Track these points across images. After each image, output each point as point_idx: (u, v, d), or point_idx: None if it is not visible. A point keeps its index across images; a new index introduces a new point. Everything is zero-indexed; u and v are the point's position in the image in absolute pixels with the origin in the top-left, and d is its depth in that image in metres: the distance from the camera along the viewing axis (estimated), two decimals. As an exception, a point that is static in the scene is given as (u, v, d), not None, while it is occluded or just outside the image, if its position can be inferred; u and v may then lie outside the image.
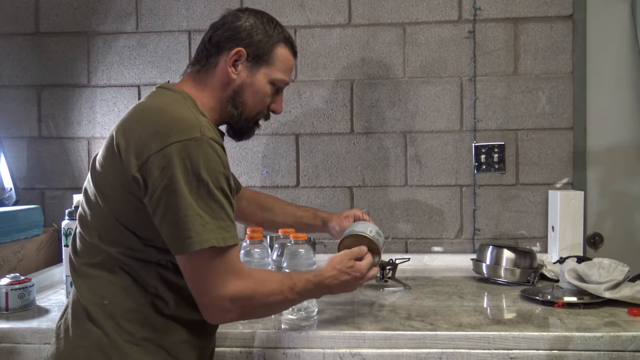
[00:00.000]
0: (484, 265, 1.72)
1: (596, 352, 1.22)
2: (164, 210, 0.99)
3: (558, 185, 1.97)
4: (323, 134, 2.03)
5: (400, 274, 1.68)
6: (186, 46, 2.06)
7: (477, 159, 1.98)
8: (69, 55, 2.10)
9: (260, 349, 1.27)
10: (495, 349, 1.23)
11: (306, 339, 1.26)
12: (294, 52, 1.26)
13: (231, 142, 1.29)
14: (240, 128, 1.24)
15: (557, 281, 1.62)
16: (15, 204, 1.95)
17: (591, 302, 1.43)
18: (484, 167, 1.98)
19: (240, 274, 1.05)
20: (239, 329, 1.28)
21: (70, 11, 2.09)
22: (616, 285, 1.41)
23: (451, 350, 1.24)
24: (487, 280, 1.72)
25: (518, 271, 1.67)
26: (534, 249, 1.91)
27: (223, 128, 1.25)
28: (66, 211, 1.52)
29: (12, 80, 2.11)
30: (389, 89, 2.01)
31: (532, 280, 1.66)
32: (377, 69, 2.01)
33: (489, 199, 1.99)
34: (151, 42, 2.07)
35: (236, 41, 1.17)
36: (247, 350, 1.27)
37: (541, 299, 1.47)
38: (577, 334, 1.23)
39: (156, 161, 0.99)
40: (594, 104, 1.96)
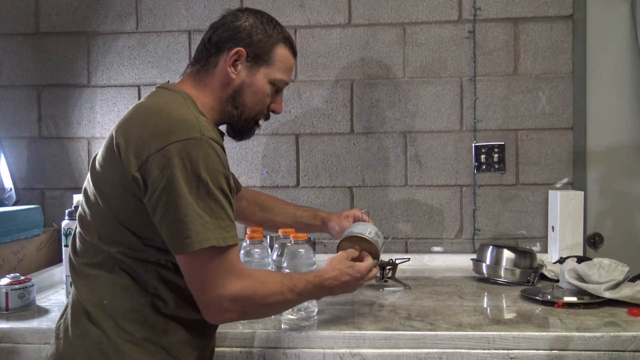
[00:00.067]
0: (484, 265, 1.72)
1: (596, 352, 1.22)
2: (164, 210, 0.99)
3: (558, 185, 1.97)
4: (323, 134, 2.03)
5: (400, 274, 1.68)
6: (186, 46, 2.06)
7: (477, 159, 1.98)
8: (69, 55, 2.10)
9: (260, 349, 1.27)
10: (495, 349, 1.23)
11: (306, 339, 1.26)
12: (293, 52, 1.26)
13: (231, 142, 1.29)
14: (240, 128, 1.24)
15: (557, 281, 1.62)
16: (15, 204, 1.95)
17: (591, 302, 1.43)
18: (484, 167, 1.98)
19: (241, 274, 1.05)
20: (239, 329, 1.28)
21: (70, 11, 2.09)
22: (616, 285, 1.41)
23: (451, 350, 1.24)
24: (487, 280, 1.72)
25: (518, 271, 1.67)
26: (534, 249, 1.91)
27: (223, 128, 1.25)
28: (66, 211, 1.52)
29: (12, 80, 2.11)
30: (389, 89, 2.01)
31: (532, 280, 1.66)
32: (377, 69, 2.01)
33: (489, 199, 1.99)
34: (151, 42, 2.07)
35: (236, 41, 1.17)
36: (247, 350, 1.27)
37: (541, 299, 1.47)
38: (577, 334, 1.23)
39: (156, 161, 0.99)
40: (594, 104, 1.96)
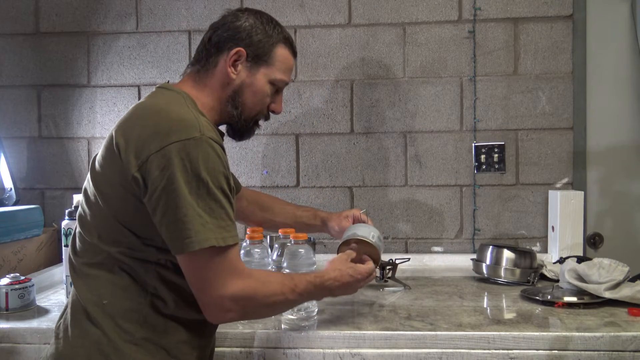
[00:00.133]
0: (484, 265, 1.72)
1: (596, 352, 1.22)
2: (164, 210, 0.99)
3: (558, 185, 1.97)
4: (323, 134, 2.03)
5: (400, 274, 1.68)
6: (186, 46, 2.06)
7: (477, 159, 1.98)
8: (69, 55, 2.10)
9: (260, 349, 1.27)
10: (495, 349, 1.23)
11: (306, 339, 1.26)
12: (293, 52, 1.26)
13: (231, 142, 1.29)
14: (240, 128, 1.24)
15: (557, 281, 1.62)
16: (15, 204, 1.95)
17: (591, 302, 1.43)
18: (484, 167, 1.98)
19: (241, 274, 1.05)
20: (239, 329, 1.28)
21: (70, 11, 2.09)
22: (616, 285, 1.41)
23: (451, 350, 1.24)
24: (487, 280, 1.72)
25: (518, 271, 1.67)
26: (534, 249, 1.91)
27: (223, 128, 1.25)
28: (66, 211, 1.52)
29: (12, 80, 2.11)
30: (389, 89, 2.01)
31: (532, 280, 1.66)
32: (377, 69, 2.01)
33: (489, 199, 1.99)
34: (151, 42, 2.07)
35: (236, 41, 1.17)
36: (247, 350, 1.27)
37: (541, 299, 1.47)
38: (577, 334, 1.23)
39: (156, 161, 0.99)
40: (594, 104, 1.96)
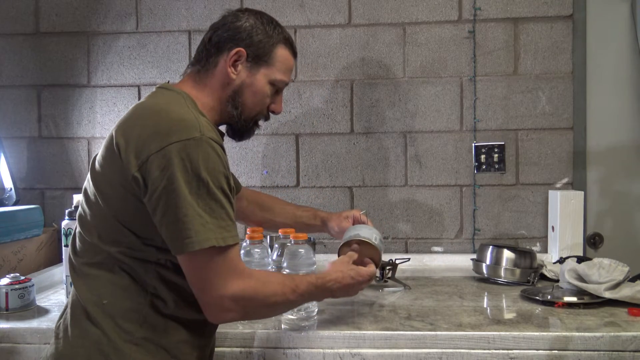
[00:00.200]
0: (484, 265, 1.72)
1: (596, 352, 1.22)
2: (164, 210, 0.99)
3: (558, 185, 1.97)
4: (323, 134, 2.03)
5: (400, 274, 1.68)
6: (186, 46, 2.06)
7: (477, 159, 1.98)
8: (69, 55, 2.10)
9: (260, 349, 1.27)
10: (495, 349, 1.23)
11: (306, 339, 1.26)
12: (293, 53, 1.26)
13: (231, 142, 1.29)
14: (240, 128, 1.24)
15: (557, 281, 1.62)
16: (15, 204, 1.95)
17: (591, 302, 1.43)
18: (484, 167, 1.98)
19: (242, 274, 1.05)
20: (239, 329, 1.28)
21: (70, 11, 2.09)
22: (616, 285, 1.41)
23: (451, 350, 1.24)
24: (487, 280, 1.72)
25: (518, 271, 1.67)
26: (534, 249, 1.91)
27: (223, 128, 1.25)
28: (66, 211, 1.52)
29: (12, 80, 2.11)
30: (388, 89, 2.01)
31: (532, 280, 1.66)
32: (377, 69, 2.01)
33: (489, 199, 1.99)
34: (151, 42, 2.07)
35: (236, 41, 1.17)
36: (247, 350, 1.27)
37: (541, 299, 1.47)
38: (577, 334, 1.23)
39: (156, 161, 0.99)
40: (594, 104, 1.96)
